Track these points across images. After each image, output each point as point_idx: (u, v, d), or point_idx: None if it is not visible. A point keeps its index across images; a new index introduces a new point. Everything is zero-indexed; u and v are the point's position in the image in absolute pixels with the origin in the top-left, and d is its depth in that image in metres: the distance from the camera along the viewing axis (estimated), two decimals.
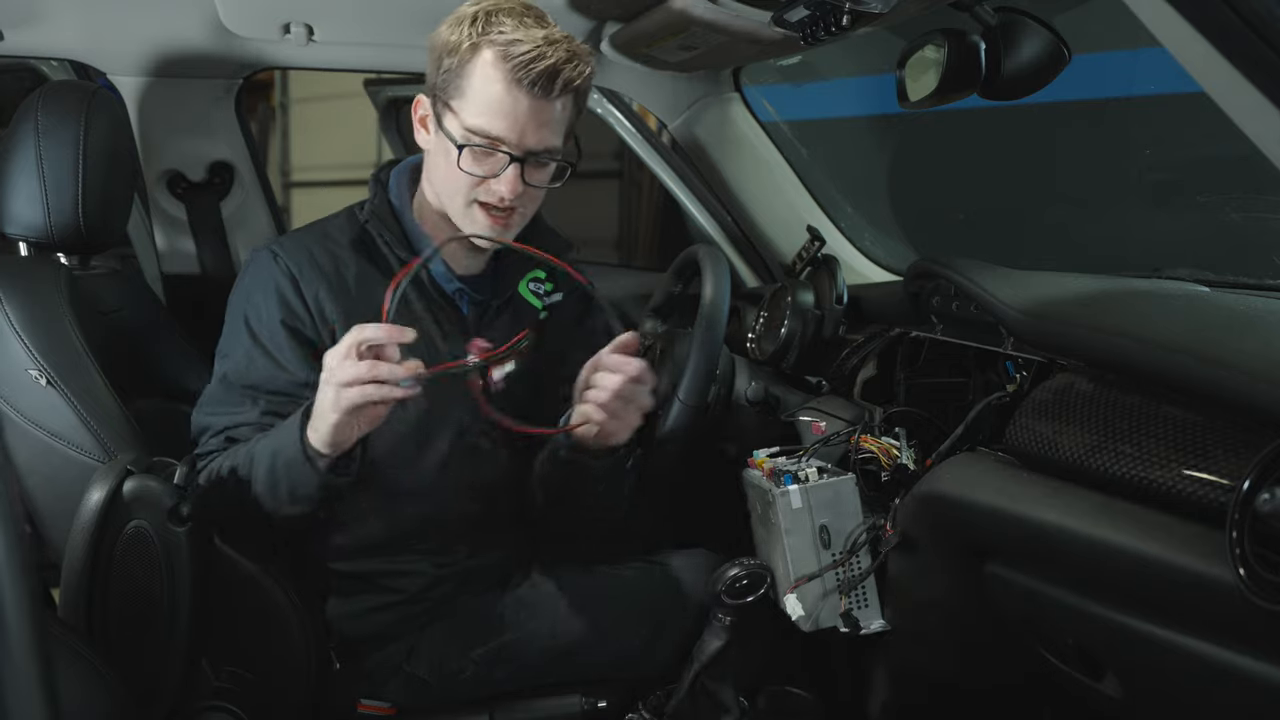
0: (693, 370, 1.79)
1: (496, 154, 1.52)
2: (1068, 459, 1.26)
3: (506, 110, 1.50)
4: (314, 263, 1.62)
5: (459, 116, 1.52)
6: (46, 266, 1.65)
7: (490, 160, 1.53)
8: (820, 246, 2.18)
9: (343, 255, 1.65)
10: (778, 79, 2.63)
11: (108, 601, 1.35)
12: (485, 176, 1.53)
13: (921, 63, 1.51)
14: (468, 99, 1.51)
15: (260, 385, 1.58)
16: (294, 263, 1.61)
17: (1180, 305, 1.41)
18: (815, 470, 1.49)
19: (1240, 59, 1.01)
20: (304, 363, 1.57)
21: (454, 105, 1.52)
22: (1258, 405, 1.03)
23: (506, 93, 1.49)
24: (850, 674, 1.86)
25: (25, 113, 1.67)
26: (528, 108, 1.50)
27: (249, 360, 1.59)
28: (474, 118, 1.51)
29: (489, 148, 1.52)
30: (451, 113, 1.53)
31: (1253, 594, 0.93)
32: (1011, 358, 1.50)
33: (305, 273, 1.61)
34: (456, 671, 1.64)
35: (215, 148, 2.17)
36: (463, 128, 1.51)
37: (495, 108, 1.50)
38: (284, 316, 1.59)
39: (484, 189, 1.55)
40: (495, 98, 1.49)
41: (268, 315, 1.59)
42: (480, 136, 1.51)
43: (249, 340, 1.59)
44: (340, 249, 1.65)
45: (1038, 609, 1.32)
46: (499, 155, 1.52)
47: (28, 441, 1.50)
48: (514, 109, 1.50)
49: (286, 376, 1.58)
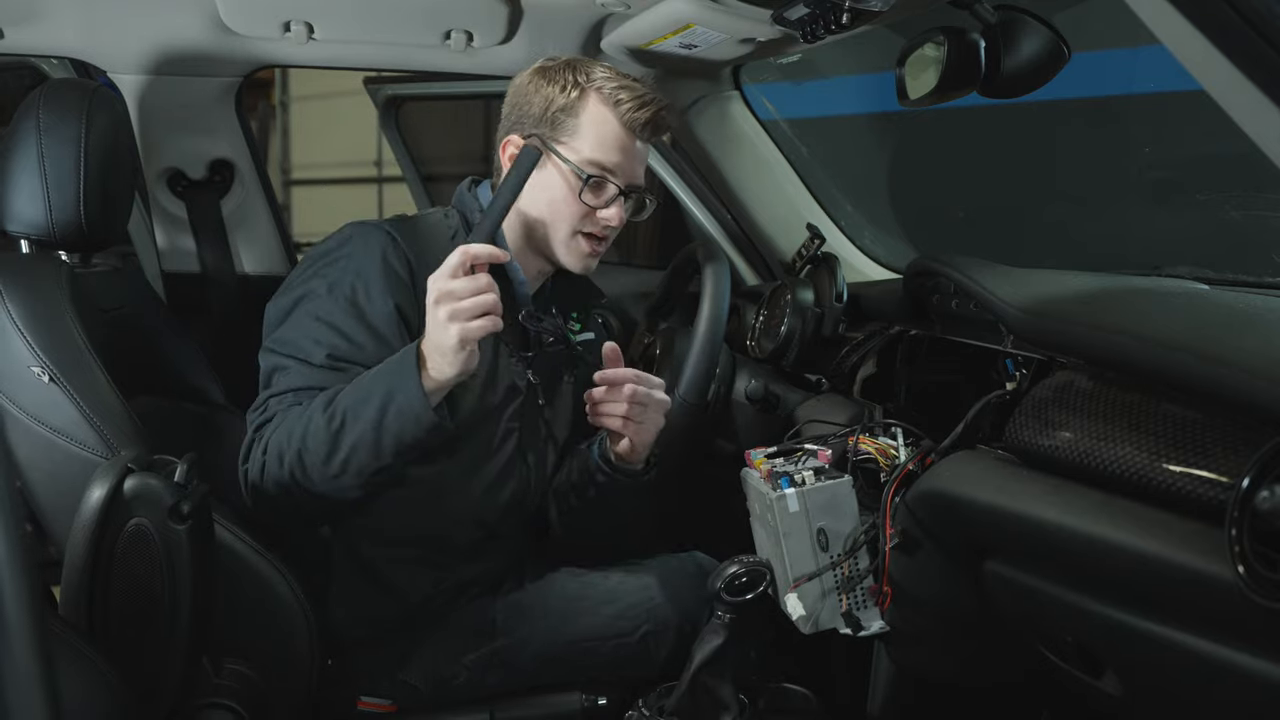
0: (693, 368, 1.79)
1: (609, 185, 1.66)
2: (1067, 456, 1.26)
3: (618, 148, 1.65)
4: (425, 254, 1.59)
5: (576, 152, 1.64)
6: (48, 264, 1.65)
7: (603, 192, 1.66)
8: (820, 244, 2.18)
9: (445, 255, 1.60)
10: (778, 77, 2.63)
11: (109, 599, 1.35)
12: (597, 207, 1.65)
13: (921, 60, 1.51)
14: (582, 137, 1.64)
15: (366, 363, 1.53)
16: (411, 250, 1.60)
17: (1180, 303, 1.41)
18: (812, 473, 1.49)
19: (1240, 57, 1.01)
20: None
21: (566, 142, 1.65)
22: (1257, 403, 1.03)
23: (618, 133, 1.65)
24: (850, 674, 1.86)
25: (26, 111, 1.67)
26: (631, 148, 1.67)
27: (354, 337, 1.55)
28: (592, 152, 1.64)
29: (604, 178, 1.65)
30: (566, 148, 1.65)
31: (1252, 591, 0.93)
32: (1011, 356, 1.50)
33: (420, 261, 1.59)
34: (449, 678, 1.64)
35: (215, 146, 2.17)
36: (582, 159, 1.64)
37: (610, 145, 1.64)
38: (400, 300, 1.57)
39: (590, 219, 1.67)
40: (609, 137, 1.64)
41: (382, 297, 1.56)
42: (597, 168, 1.64)
43: (354, 318, 1.55)
44: (443, 248, 1.57)
45: (1037, 607, 1.32)
46: (610, 187, 1.66)
47: (29, 438, 1.50)
48: (623, 147, 1.65)
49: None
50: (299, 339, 1.55)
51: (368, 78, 3.32)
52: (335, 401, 1.46)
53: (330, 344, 1.54)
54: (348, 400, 1.45)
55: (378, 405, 1.43)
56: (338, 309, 1.55)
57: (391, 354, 1.50)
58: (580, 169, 1.63)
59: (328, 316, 1.55)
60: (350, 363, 1.53)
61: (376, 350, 1.53)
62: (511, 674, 1.66)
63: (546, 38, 2.03)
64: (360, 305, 1.55)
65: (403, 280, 1.58)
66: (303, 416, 1.47)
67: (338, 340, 1.54)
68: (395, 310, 1.56)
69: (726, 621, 1.52)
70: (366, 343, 1.54)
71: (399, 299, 1.57)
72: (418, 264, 1.58)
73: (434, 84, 3.19)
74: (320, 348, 1.54)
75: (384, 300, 1.56)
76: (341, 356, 1.53)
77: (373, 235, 1.60)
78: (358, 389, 1.46)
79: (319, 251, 1.62)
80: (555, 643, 1.66)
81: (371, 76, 3.30)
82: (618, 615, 1.69)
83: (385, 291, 1.56)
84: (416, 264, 1.58)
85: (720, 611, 1.52)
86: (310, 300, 1.57)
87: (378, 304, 1.56)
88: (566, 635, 1.66)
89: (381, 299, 1.56)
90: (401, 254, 1.59)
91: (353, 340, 1.54)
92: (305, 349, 1.54)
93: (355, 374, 1.51)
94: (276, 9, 1.93)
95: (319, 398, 1.49)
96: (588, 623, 1.68)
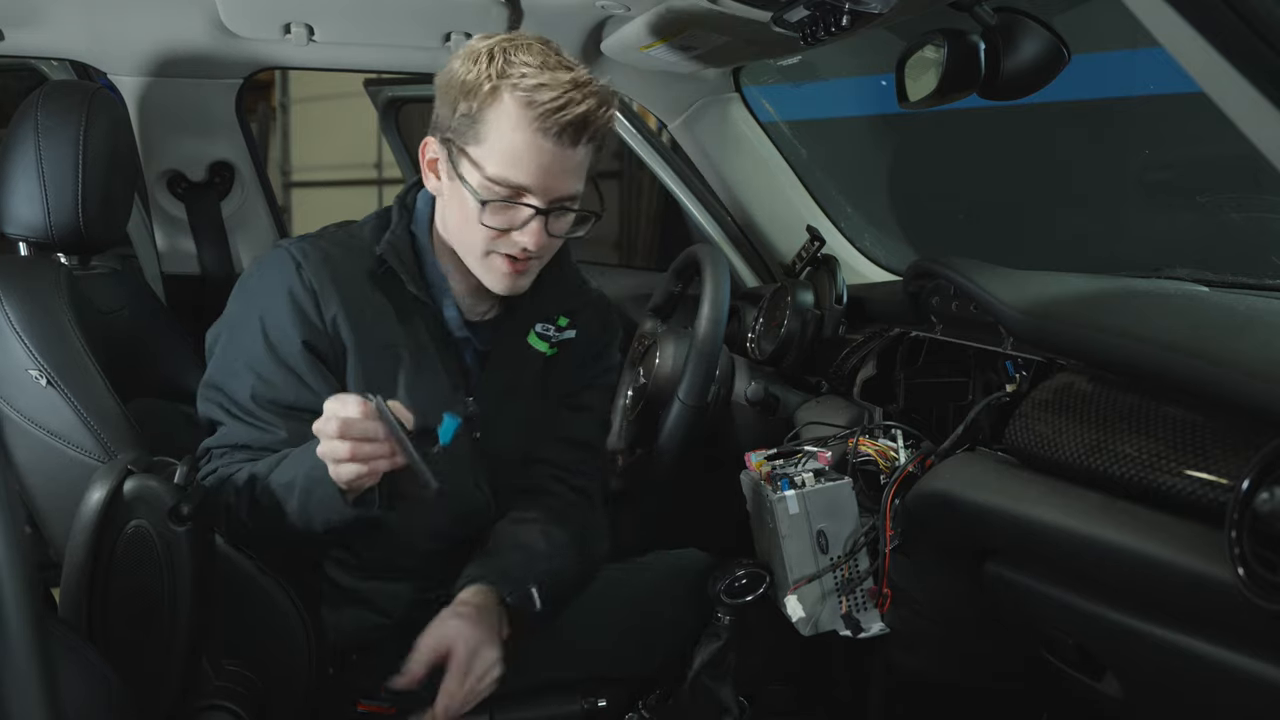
0: (693, 370, 1.79)
1: (519, 206, 1.43)
2: (1067, 458, 1.26)
3: (531, 160, 1.40)
4: (335, 279, 1.51)
5: (479, 167, 1.42)
6: (46, 266, 1.65)
7: (511, 212, 1.44)
8: (820, 246, 2.18)
9: (361, 278, 1.54)
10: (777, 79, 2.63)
11: (108, 601, 1.35)
12: (506, 230, 1.45)
13: (921, 63, 1.51)
14: (488, 147, 1.41)
15: (287, 403, 1.49)
16: (316, 277, 1.50)
17: (1180, 305, 1.41)
18: (812, 475, 1.49)
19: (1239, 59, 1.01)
20: (325, 382, 1.50)
21: (471, 153, 1.43)
22: (1257, 404, 1.03)
23: (531, 142, 1.39)
24: (850, 674, 1.86)
25: (25, 113, 1.67)
26: (553, 157, 1.40)
27: (269, 377, 1.49)
28: (495, 168, 1.41)
29: (511, 200, 1.43)
30: (469, 161, 1.43)
31: (1252, 594, 0.93)
32: (1011, 357, 1.50)
33: (325, 289, 1.50)
34: None
35: (215, 147, 2.17)
36: (483, 178, 1.42)
37: (519, 158, 1.40)
38: (306, 336, 1.49)
39: (504, 240, 1.46)
40: (519, 147, 1.39)
41: (288, 333, 1.49)
42: (502, 187, 1.42)
43: (267, 355, 1.49)
44: (360, 270, 1.54)
45: (1037, 608, 1.32)
46: (522, 208, 1.43)
47: (28, 441, 1.50)
48: (539, 159, 1.40)
49: (310, 396, 1.47)
50: (226, 381, 1.52)
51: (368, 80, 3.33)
52: (266, 479, 1.42)
53: (251, 386, 1.50)
54: (277, 481, 1.41)
55: (299, 499, 1.38)
56: (255, 346, 1.50)
57: (307, 391, 1.47)
58: (476, 191, 1.43)
59: (245, 356, 1.51)
60: (271, 402, 1.49)
61: (295, 389, 1.49)
62: (511, 677, 1.66)
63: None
64: (272, 341, 1.49)
65: (305, 313, 1.49)
66: (244, 486, 1.44)
67: (256, 383, 1.50)
68: (304, 346, 1.49)
69: (726, 623, 1.52)
70: (282, 382, 1.49)
71: (305, 334, 1.49)
72: (323, 292, 1.50)
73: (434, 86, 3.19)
74: (244, 389, 1.50)
75: (292, 337, 1.49)
76: (263, 397, 1.50)
77: (281, 264, 1.52)
78: (284, 469, 1.41)
79: (241, 279, 1.57)
80: (554, 643, 1.65)
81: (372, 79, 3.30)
82: (617, 616, 1.69)
83: (293, 325, 1.49)
84: (322, 292, 1.50)
85: (720, 613, 1.52)
86: (232, 334, 1.53)
87: (286, 341, 1.49)
88: (566, 635, 1.66)
89: (289, 336, 1.49)
90: (306, 282, 1.50)
91: (269, 381, 1.49)
92: (232, 391, 1.51)
93: (280, 412, 1.48)
94: (277, 11, 1.93)
95: (250, 468, 1.45)
96: (587, 623, 1.67)
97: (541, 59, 1.41)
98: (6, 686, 0.81)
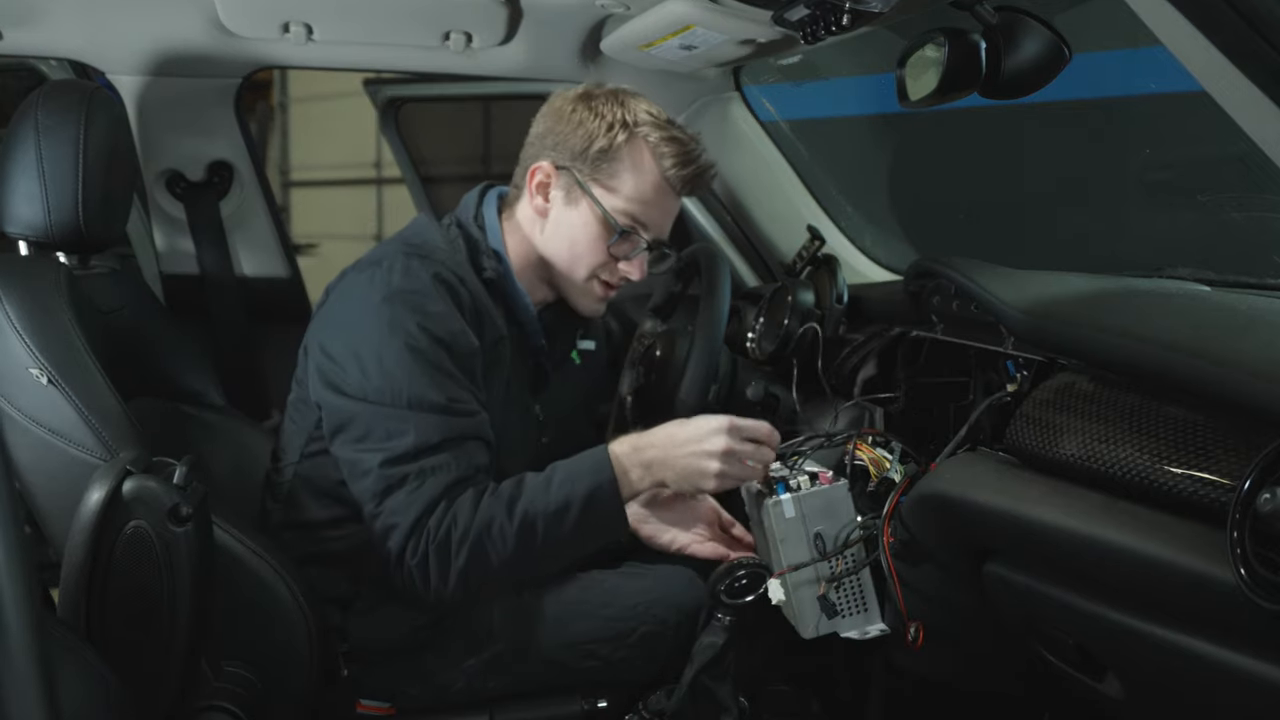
0: (693, 370, 1.79)
1: (637, 240, 1.62)
2: (1068, 458, 1.25)
3: (656, 204, 1.60)
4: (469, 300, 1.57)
5: (611, 198, 1.60)
6: (46, 265, 1.65)
7: (628, 245, 1.63)
8: (820, 246, 2.18)
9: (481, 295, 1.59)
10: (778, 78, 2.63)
11: (107, 601, 1.35)
12: (620, 258, 1.63)
13: (922, 62, 1.50)
14: (619, 182, 1.59)
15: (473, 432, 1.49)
16: (469, 298, 1.55)
17: (1181, 305, 1.41)
18: (808, 477, 1.49)
19: (1240, 57, 1.01)
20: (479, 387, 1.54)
21: (605, 184, 1.60)
22: (1259, 404, 1.02)
23: (662, 188, 1.60)
24: (850, 674, 1.86)
25: (25, 112, 1.67)
26: (673, 204, 1.63)
27: (451, 406, 1.48)
28: (627, 203, 1.60)
29: (633, 231, 1.61)
30: (604, 190, 1.60)
31: (1253, 594, 0.93)
32: (1012, 357, 1.49)
33: (466, 307, 1.54)
34: (448, 684, 1.63)
35: (214, 147, 2.17)
36: (614, 210, 1.59)
37: (647, 199, 1.60)
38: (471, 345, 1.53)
39: (610, 268, 1.64)
40: (647, 190, 1.59)
41: (466, 346, 1.51)
42: (629, 221, 1.60)
43: (446, 378, 1.48)
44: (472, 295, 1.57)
45: (1038, 609, 1.32)
46: (639, 241, 1.62)
47: (28, 440, 1.50)
48: (662, 203, 1.61)
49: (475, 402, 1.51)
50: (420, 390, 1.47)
51: (367, 79, 3.32)
52: (524, 508, 1.45)
53: (449, 391, 1.48)
54: (538, 507, 1.45)
55: (576, 513, 1.45)
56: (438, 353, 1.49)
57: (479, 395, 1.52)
58: (613, 218, 1.60)
59: (435, 362, 1.49)
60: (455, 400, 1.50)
61: (474, 394, 1.52)
62: (511, 679, 1.65)
63: (546, 39, 2.03)
64: (453, 349, 1.51)
65: (465, 323, 1.53)
66: (480, 515, 1.45)
67: (447, 383, 1.49)
68: (475, 351, 1.53)
69: (726, 623, 1.52)
70: (463, 385, 1.51)
71: (468, 344, 1.53)
72: (465, 308, 1.54)
73: (433, 85, 3.19)
74: (439, 394, 1.47)
75: (470, 348, 1.53)
76: (454, 397, 1.49)
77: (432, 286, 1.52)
78: (547, 494, 1.46)
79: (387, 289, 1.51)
80: (554, 646, 1.65)
81: (371, 78, 3.30)
82: (616, 617, 1.68)
83: (470, 338, 1.53)
84: (465, 308, 1.54)
85: (720, 613, 1.52)
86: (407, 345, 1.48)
87: (464, 355, 1.52)
88: (565, 639, 1.66)
89: (468, 347, 1.53)
90: (466, 300, 1.55)
91: (455, 378, 1.50)
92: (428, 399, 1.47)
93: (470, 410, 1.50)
94: (276, 10, 1.93)
95: (496, 500, 1.46)
96: (586, 626, 1.67)
97: (659, 116, 1.62)
98: (6, 687, 0.81)
